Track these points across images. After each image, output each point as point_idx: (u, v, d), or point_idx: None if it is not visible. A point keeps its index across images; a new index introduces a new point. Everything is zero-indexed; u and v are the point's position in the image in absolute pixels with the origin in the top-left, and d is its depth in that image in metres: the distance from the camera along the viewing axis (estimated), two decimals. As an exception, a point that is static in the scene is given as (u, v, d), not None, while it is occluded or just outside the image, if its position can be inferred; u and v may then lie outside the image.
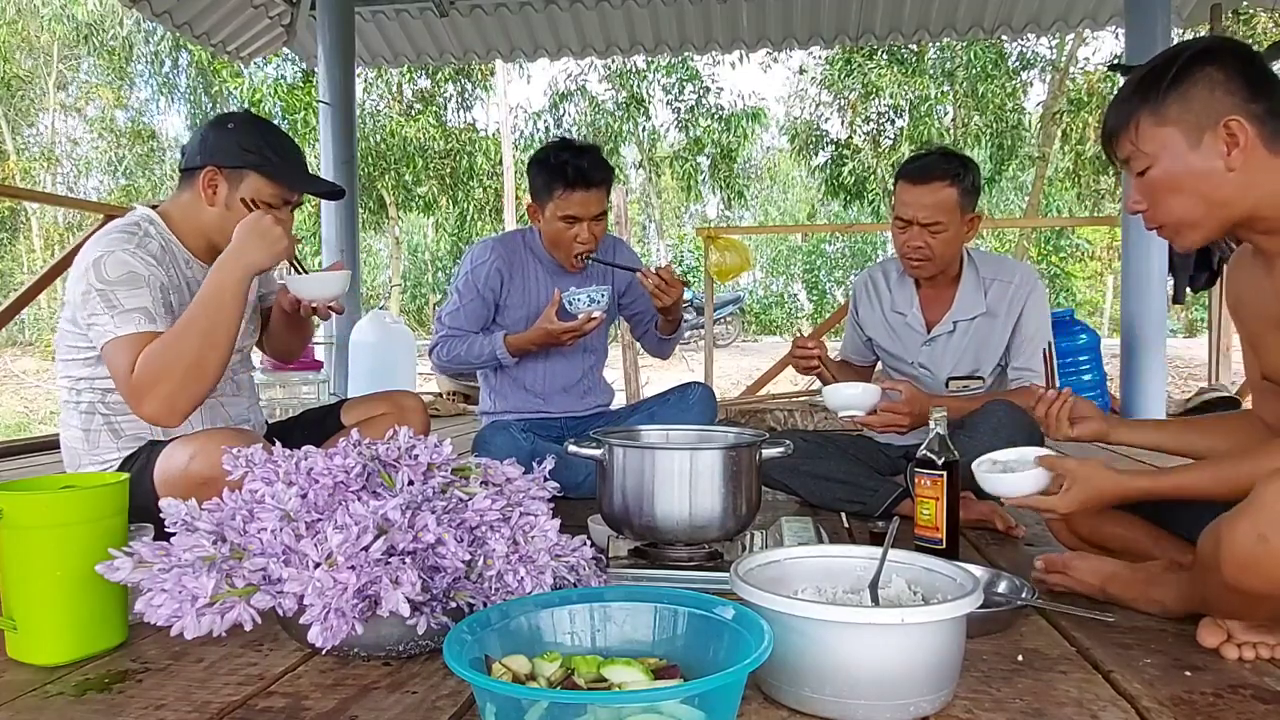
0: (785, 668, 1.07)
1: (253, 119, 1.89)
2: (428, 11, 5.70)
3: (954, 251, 2.19)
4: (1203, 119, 1.24)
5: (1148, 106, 1.28)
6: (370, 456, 1.31)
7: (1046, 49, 15.35)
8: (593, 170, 2.34)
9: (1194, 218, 1.30)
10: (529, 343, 2.40)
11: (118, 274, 1.68)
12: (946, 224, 2.11)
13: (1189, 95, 1.25)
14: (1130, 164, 1.33)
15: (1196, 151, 1.25)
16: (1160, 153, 1.28)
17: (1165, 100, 1.27)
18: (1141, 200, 1.34)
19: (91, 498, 1.29)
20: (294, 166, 1.87)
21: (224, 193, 1.81)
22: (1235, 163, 1.23)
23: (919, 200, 2.12)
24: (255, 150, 1.80)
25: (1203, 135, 1.25)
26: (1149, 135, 1.28)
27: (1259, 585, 1.13)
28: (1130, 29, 4.64)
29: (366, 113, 16.04)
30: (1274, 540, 1.08)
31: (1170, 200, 1.30)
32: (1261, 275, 1.36)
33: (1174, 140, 1.27)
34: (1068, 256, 19.01)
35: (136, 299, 1.68)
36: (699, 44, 6.05)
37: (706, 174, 18.60)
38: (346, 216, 5.22)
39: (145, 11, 4.78)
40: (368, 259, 20.36)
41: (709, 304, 6.01)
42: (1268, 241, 1.32)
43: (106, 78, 19.20)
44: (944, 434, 1.86)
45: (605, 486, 1.65)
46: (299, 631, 1.19)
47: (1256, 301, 1.39)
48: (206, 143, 1.82)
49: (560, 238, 2.42)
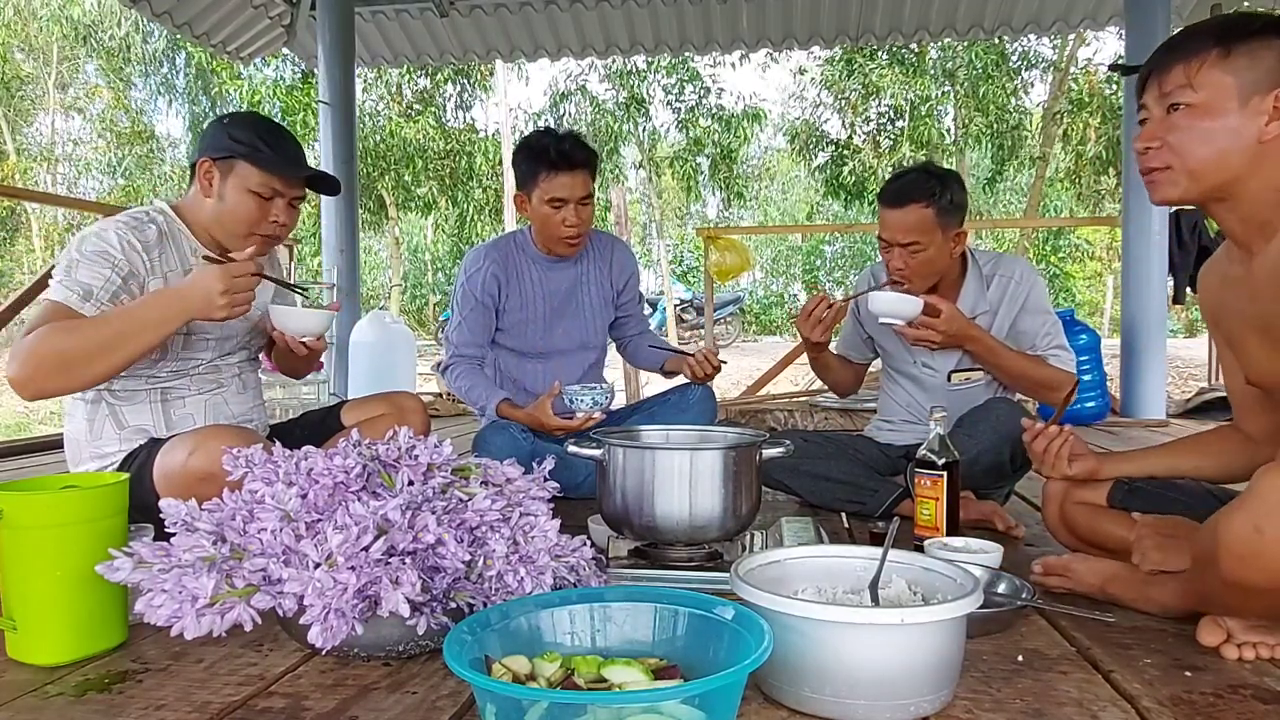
0: (785, 668, 1.07)
1: (251, 115, 1.91)
2: (428, 11, 5.71)
3: (937, 268, 2.19)
4: (1261, 82, 1.24)
5: (1219, 48, 1.26)
6: (370, 457, 1.31)
7: (1048, 49, 15.35)
8: (575, 151, 2.34)
9: (1203, 169, 1.28)
10: (519, 419, 2.36)
11: (93, 248, 1.72)
12: (924, 244, 2.12)
13: (1259, 55, 1.24)
14: (1169, 96, 1.29)
15: (1241, 110, 1.25)
16: (1210, 97, 1.26)
17: (1239, 49, 1.25)
18: (1157, 138, 1.32)
19: (91, 498, 1.29)
20: (285, 158, 1.85)
21: (218, 183, 1.84)
22: (1269, 134, 1.24)
23: (896, 222, 2.13)
24: (245, 141, 1.82)
25: (1251, 98, 1.24)
26: (1208, 76, 1.26)
27: (1256, 577, 1.13)
28: (1130, 29, 4.64)
29: (366, 113, 16.03)
30: (1270, 531, 1.09)
31: (1193, 145, 1.28)
32: (1239, 278, 1.36)
33: (1227, 90, 1.25)
34: (1066, 257, 19.02)
35: (90, 275, 1.70)
36: (699, 44, 6.05)
37: (706, 174, 18.60)
38: (346, 217, 5.22)
39: (145, 11, 4.78)
40: (367, 259, 20.35)
41: (709, 304, 6.01)
42: (1243, 230, 1.32)
43: (106, 78, 19.20)
44: (944, 434, 1.86)
45: (605, 486, 1.65)
46: (299, 632, 1.19)
47: (1235, 303, 1.39)
48: (205, 137, 1.86)
49: (548, 223, 2.40)
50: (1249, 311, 1.35)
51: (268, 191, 1.84)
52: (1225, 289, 1.42)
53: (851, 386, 2.56)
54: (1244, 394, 1.49)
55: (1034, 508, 2.35)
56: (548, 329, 2.56)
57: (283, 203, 1.87)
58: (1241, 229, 1.32)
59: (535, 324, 2.54)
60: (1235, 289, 1.38)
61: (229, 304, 1.63)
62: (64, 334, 1.61)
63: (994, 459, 2.08)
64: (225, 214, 1.85)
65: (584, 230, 2.43)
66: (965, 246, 2.23)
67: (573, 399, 2.27)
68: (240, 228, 1.85)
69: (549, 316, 2.55)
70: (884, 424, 2.48)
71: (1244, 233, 1.32)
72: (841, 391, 2.58)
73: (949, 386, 2.29)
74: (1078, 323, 4.77)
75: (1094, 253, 19.02)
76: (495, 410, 2.38)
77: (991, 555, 1.63)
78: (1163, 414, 4.71)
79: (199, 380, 1.92)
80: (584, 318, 2.60)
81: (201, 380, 1.92)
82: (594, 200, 2.46)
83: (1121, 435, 4.18)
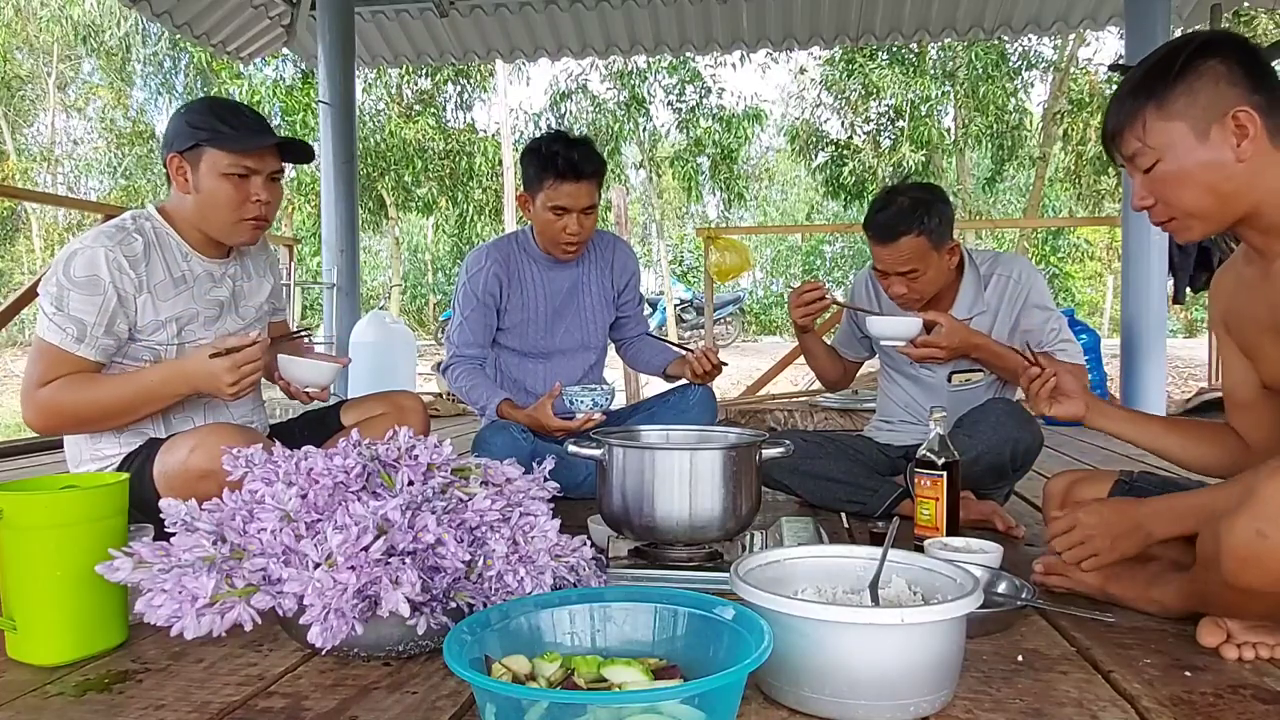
0: (785, 668, 1.07)
1: (207, 100, 1.86)
2: (428, 11, 5.70)
3: (939, 282, 2.19)
4: (1210, 112, 1.24)
5: (1153, 102, 1.27)
6: (370, 456, 1.31)
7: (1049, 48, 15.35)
8: (583, 162, 2.33)
9: (1203, 210, 1.29)
10: (519, 419, 2.37)
11: (81, 274, 1.71)
12: (922, 269, 2.12)
13: (1195, 89, 1.24)
14: (1136, 160, 1.32)
15: (1205, 145, 1.25)
16: (1168, 147, 1.27)
17: (1171, 94, 1.26)
18: (1148, 196, 1.33)
19: (91, 498, 1.29)
20: (247, 132, 1.81)
21: (192, 177, 1.81)
22: (1246, 153, 1.23)
23: (890, 257, 2.12)
24: (204, 126, 1.78)
25: (1209, 128, 1.24)
26: (1156, 130, 1.27)
27: (1258, 581, 1.13)
28: (1130, 29, 4.64)
29: (366, 113, 16.02)
30: (1272, 535, 1.09)
31: (1179, 194, 1.29)
32: (1256, 281, 1.36)
33: (1181, 134, 1.26)
34: (1066, 257, 19.01)
35: (82, 308, 1.70)
36: (699, 44, 6.05)
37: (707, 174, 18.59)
38: (346, 217, 5.22)
39: (145, 11, 4.78)
40: (367, 259, 20.35)
41: (709, 304, 6.01)
42: (1266, 241, 1.32)
43: (106, 78, 19.20)
44: (944, 434, 1.86)
45: (605, 486, 1.65)
46: (299, 631, 1.19)
47: (1251, 308, 1.38)
48: (168, 133, 1.83)
49: (549, 228, 2.41)
50: (1267, 317, 1.35)
51: (241, 170, 1.80)
52: (1240, 293, 1.41)
53: (837, 379, 2.55)
54: (1243, 397, 1.49)
55: (1034, 508, 2.35)
56: (549, 329, 2.56)
57: (260, 179, 1.83)
58: (1262, 240, 1.32)
59: (536, 324, 2.54)
60: (1251, 293, 1.38)
61: (236, 391, 1.71)
62: (77, 392, 1.71)
63: (994, 459, 2.07)
64: (206, 205, 1.81)
65: (585, 238, 2.43)
66: (960, 253, 2.22)
67: (573, 400, 2.27)
68: (224, 214, 1.82)
69: (550, 317, 2.55)
70: (883, 424, 2.48)
71: (1264, 242, 1.32)
72: (827, 382, 2.57)
73: (949, 387, 2.29)
74: (1078, 322, 4.78)
75: (1094, 253, 19.02)
76: (496, 411, 2.38)
77: (991, 555, 1.63)
78: (1163, 414, 4.72)
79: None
80: (584, 318, 2.60)
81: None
82: (598, 209, 2.45)
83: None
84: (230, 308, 1.94)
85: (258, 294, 2.03)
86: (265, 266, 2.07)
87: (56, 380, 1.70)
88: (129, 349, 1.79)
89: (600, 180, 2.40)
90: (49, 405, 1.71)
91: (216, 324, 1.90)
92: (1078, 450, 3.67)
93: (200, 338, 1.86)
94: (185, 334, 1.84)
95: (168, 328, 1.81)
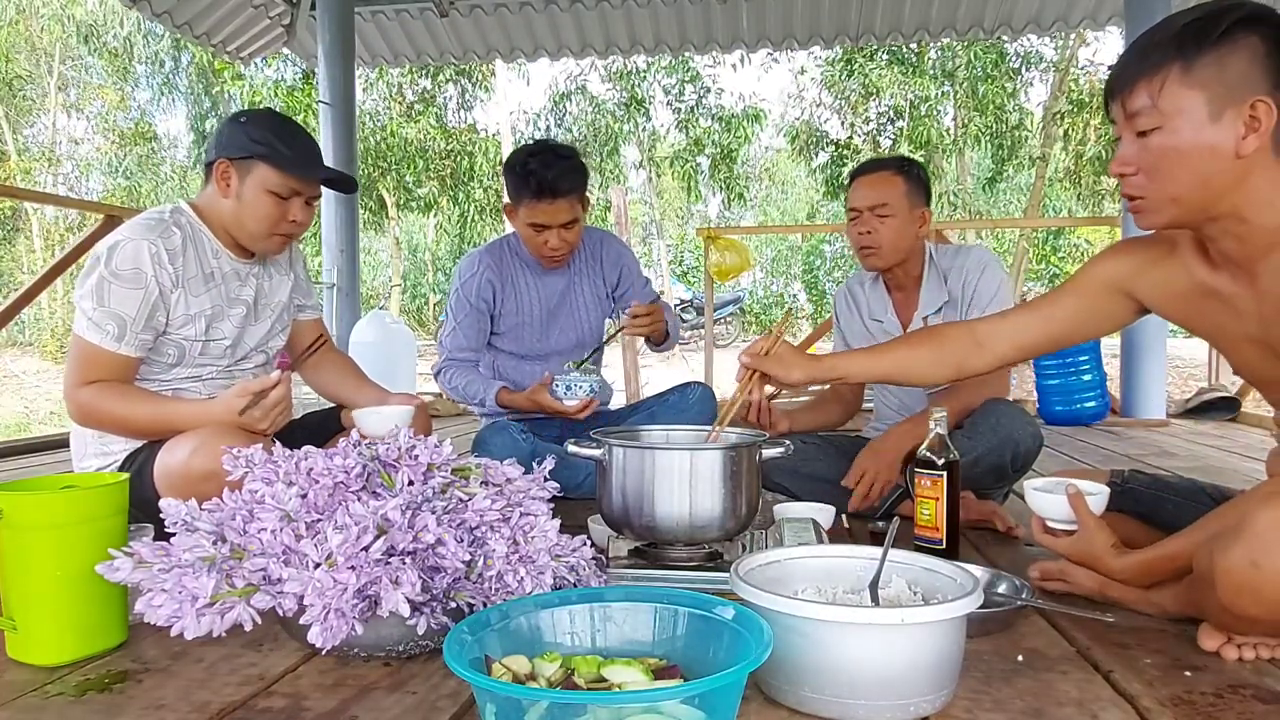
0: (785, 668, 1.07)
1: (268, 113, 1.92)
2: (428, 11, 5.71)
3: (905, 244, 2.24)
4: (1233, 92, 1.13)
5: (1180, 62, 1.14)
6: (370, 456, 1.31)
7: (1049, 48, 15.34)
8: (559, 180, 2.30)
9: (1185, 198, 1.20)
10: (519, 404, 2.38)
11: (125, 267, 1.74)
12: (894, 208, 2.19)
13: (1227, 61, 1.13)
14: (1137, 120, 1.20)
15: (1214, 126, 1.15)
16: (1177, 117, 1.16)
17: (1201, 59, 1.13)
18: (1131, 164, 1.23)
19: (91, 498, 1.29)
20: (302, 158, 1.87)
21: (236, 184, 1.85)
22: (1246, 149, 1.15)
23: (866, 185, 2.23)
24: (263, 141, 1.83)
25: (1225, 110, 1.14)
26: (1172, 94, 1.15)
27: (1253, 609, 1.13)
28: (1130, 29, 4.64)
29: (367, 113, 16.02)
30: (1266, 566, 1.08)
31: (1170, 172, 1.18)
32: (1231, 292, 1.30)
33: (1196, 107, 1.15)
34: (1066, 257, 19.00)
35: (123, 304, 1.73)
36: (699, 44, 6.05)
37: (707, 174, 18.59)
38: (347, 217, 5.23)
39: (145, 11, 4.78)
40: (367, 259, 20.33)
41: (709, 304, 6.01)
42: (1242, 249, 1.24)
43: (107, 78, 19.20)
44: (944, 434, 1.85)
45: (605, 486, 1.65)
46: (299, 631, 1.19)
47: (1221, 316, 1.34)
48: (221, 137, 1.87)
49: (531, 242, 2.43)
50: (1242, 330, 1.31)
51: (286, 192, 1.86)
52: (1206, 301, 1.34)
53: (845, 417, 2.54)
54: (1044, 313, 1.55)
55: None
56: (544, 331, 2.59)
57: (300, 201, 1.89)
58: (1239, 247, 1.24)
59: (531, 327, 2.57)
60: (1225, 304, 1.32)
61: (271, 428, 1.74)
62: (114, 406, 1.77)
63: (995, 460, 2.07)
64: (244, 214, 1.86)
65: (569, 250, 2.45)
66: (927, 239, 2.28)
67: (569, 387, 2.31)
68: (260, 227, 1.87)
69: (544, 319, 2.58)
70: (881, 425, 2.48)
71: (1241, 251, 1.24)
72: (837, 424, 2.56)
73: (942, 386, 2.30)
74: (1078, 323, 4.76)
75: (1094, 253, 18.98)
76: (495, 399, 2.39)
77: (1098, 498, 1.49)
78: (1163, 414, 4.71)
79: (210, 384, 1.94)
80: (578, 318, 2.63)
81: (213, 384, 1.94)
82: (581, 220, 2.44)
83: (1122, 435, 4.18)
84: (254, 307, 1.98)
85: (278, 292, 2.06)
86: (285, 265, 2.10)
87: (97, 384, 1.75)
88: (156, 343, 1.83)
89: (581, 194, 2.39)
90: (88, 409, 1.77)
91: (242, 322, 1.94)
92: (1077, 450, 3.67)
93: (225, 336, 1.90)
94: (212, 331, 1.88)
95: (196, 323, 1.85)
